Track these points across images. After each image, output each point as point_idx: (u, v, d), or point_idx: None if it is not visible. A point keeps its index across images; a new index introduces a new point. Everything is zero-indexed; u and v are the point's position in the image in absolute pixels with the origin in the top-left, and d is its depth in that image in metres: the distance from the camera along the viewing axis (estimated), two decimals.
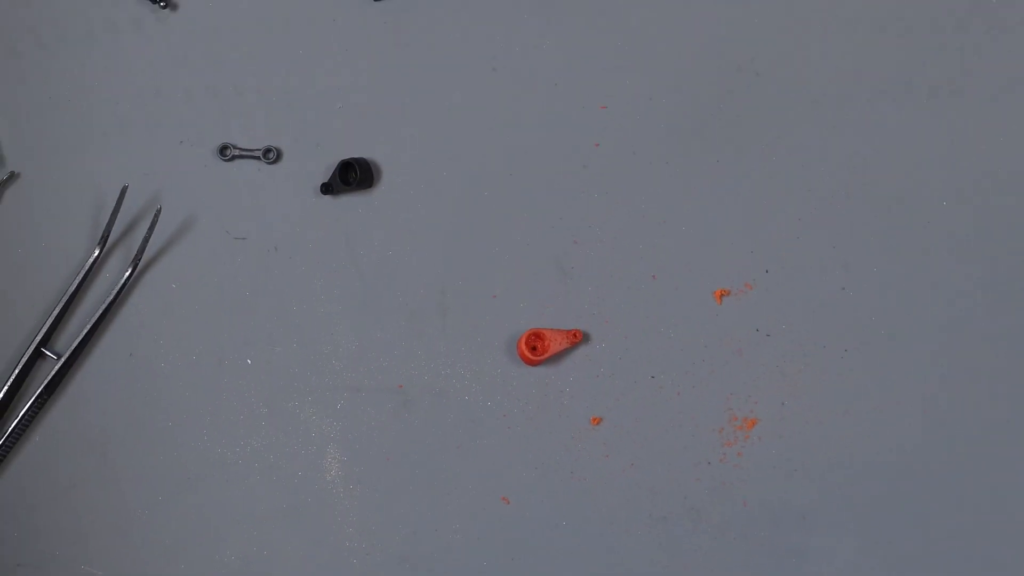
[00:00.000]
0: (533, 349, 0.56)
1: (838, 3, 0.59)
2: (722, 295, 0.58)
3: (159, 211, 0.58)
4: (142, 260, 0.60)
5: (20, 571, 0.57)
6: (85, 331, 0.58)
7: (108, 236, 0.59)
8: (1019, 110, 0.59)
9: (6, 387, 0.57)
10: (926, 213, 0.58)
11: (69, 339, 0.58)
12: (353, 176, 0.57)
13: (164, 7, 0.60)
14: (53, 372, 0.57)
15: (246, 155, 0.59)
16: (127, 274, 0.57)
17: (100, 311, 0.58)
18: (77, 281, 0.58)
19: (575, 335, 0.57)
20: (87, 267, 0.58)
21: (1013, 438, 0.58)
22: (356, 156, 0.58)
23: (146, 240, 0.58)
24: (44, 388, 0.57)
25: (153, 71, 0.60)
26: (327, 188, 0.58)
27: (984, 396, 0.56)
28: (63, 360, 0.57)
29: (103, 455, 0.58)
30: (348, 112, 0.59)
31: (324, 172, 0.59)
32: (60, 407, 0.59)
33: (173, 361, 0.59)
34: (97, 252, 0.59)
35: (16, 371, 0.57)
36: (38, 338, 0.58)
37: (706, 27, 0.59)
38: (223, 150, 0.59)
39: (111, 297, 0.58)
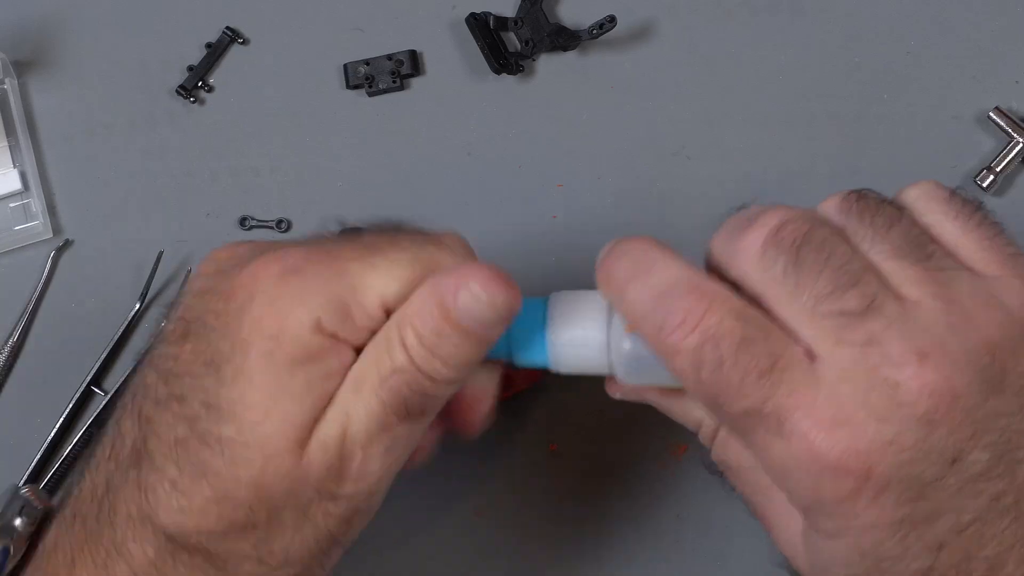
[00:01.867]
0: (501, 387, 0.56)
1: (751, 103, 0.64)
2: None
3: (189, 272, 0.61)
4: None
5: None
6: (128, 372, 0.60)
7: (147, 293, 0.61)
8: None
9: (61, 419, 0.59)
10: None
11: (115, 379, 0.60)
12: None
13: (194, 102, 0.63)
14: (101, 406, 0.59)
15: (262, 225, 0.62)
16: (162, 325, 0.58)
17: (141, 356, 0.58)
18: (121, 330, 0.60)
19: (536, 375, 0.59)
20: (129, 319, 0.60)
21: None
22: (357, 224, 0.60)
23: (179, 296, 0.59)
24: (94, 420, 0.59)
25: (184, 156, 0.63)
26: None
27: None
28: (109, 396, 0.59)
29: None
30: (346, 188, 0.63)
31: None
32: None
33: None
34: (138, 306, 0.60)
35: (71, 405, 0.59)
36: (88, 378, 0.60)
37: (645, 120, 0.64)
38: (243, 221, 0.62)
39: (149, 344, 0.56)
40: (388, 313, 0.43)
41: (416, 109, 0.64)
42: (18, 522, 0.45)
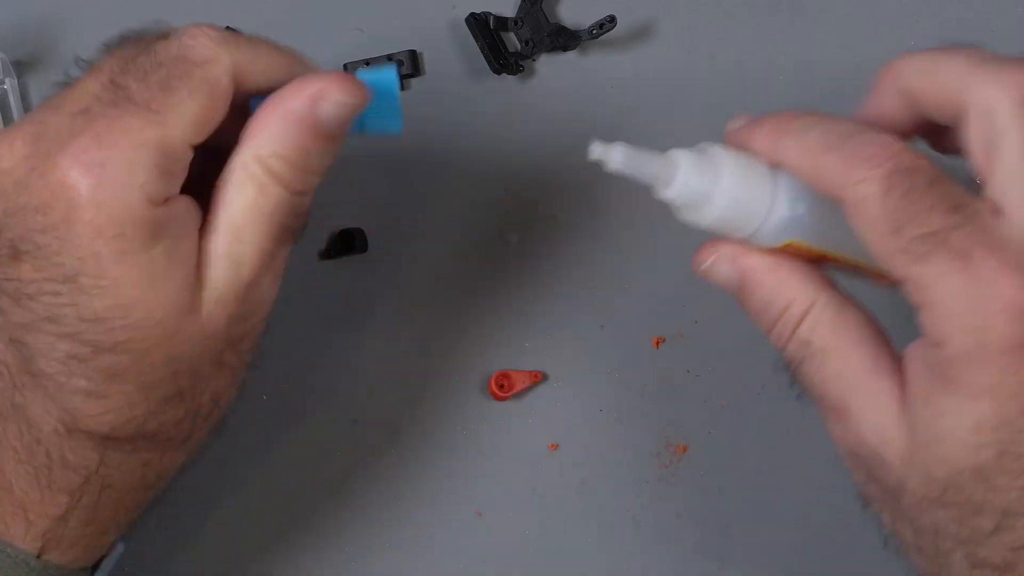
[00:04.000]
0: (501, 387, 0.60)
1: (751, 103, 0.64)
2: (659, 342, 0.62)
3: None
4: None
5: None
6: None
7: None
8: None
9: None
10: None
11: None
12: (351, 243, 0.61)
13: None
14: None
15: None
16: None
17: None
18: None
19: (536, 375, 0.61)
20: None
21: None
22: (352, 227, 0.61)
23: None
24: None
25: None
26: (325, 254, 0.62)
27: None
28: None
29: None
30: (345, 188, 0.62)
31: (321, 242, 0.62)
32: None
33: None
34: None
35: None
36: None
37: (645, 120, 0.64)
38: None
39: None
40: (194, 147, 0.44)
41: (416, 109, 0.63)
42: None
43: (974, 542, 0.40)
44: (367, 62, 0.64)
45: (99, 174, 0.41)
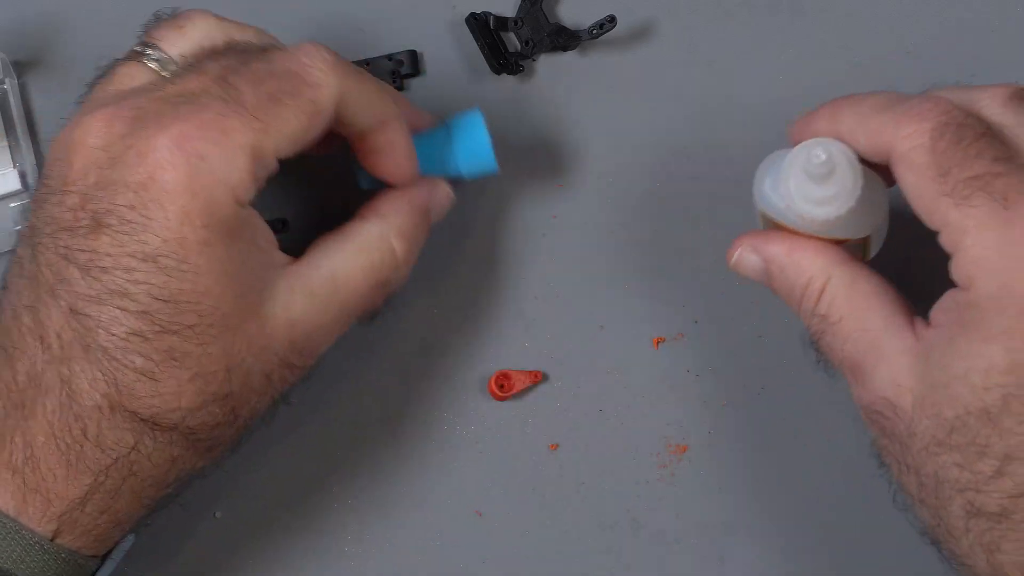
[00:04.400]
0: (501, 387, 0.60)
1: (751, 103, 0.64)
2: (658, 342, 0.62)
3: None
4: None
5: None
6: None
7: None
8: None
9: None
10: None
11: None
12: None
13: None
14: None
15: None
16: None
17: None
18: None
19: (536, 375, 0.61)
20: None
21: None
22: None
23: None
24: None
25: None
26: None
27: None
28: None
29: None
30: (344, 188, 0.61)
31: None
32: None
33: None
34: None
35: None
36: None
37: (646, 120, 0.64)
38: None
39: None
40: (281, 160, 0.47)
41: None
42: None
43: (973, 489, 0.41)
44: (367, 62, 0.64)
45: (197, 165, 0.43)
